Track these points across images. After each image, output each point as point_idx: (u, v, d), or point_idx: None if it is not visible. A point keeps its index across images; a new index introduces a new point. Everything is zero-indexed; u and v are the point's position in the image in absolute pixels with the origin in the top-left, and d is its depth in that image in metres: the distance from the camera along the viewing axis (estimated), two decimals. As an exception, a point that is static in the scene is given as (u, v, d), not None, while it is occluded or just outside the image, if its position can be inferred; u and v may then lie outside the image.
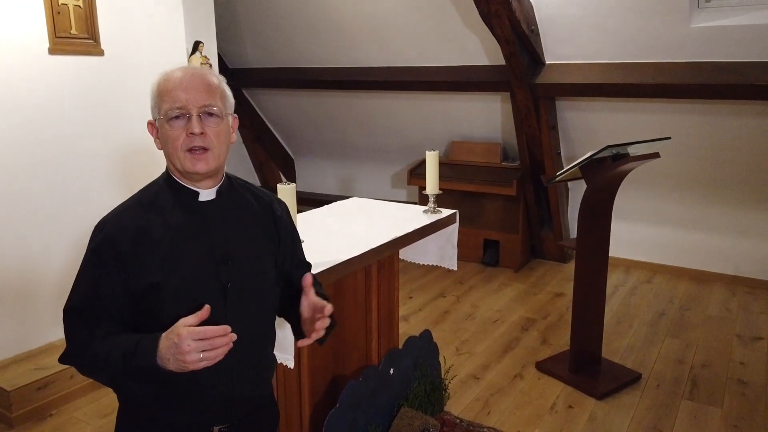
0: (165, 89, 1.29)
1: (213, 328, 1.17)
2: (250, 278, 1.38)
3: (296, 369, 2.12)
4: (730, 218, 4.61)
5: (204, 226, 1.34)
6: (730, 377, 3.23)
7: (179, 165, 1.30)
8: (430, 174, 2.74)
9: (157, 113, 1.30)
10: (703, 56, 3.87)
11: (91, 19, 3.20)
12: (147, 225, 1.30)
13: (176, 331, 1.18)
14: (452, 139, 5.47)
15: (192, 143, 1.28)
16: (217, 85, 1.33)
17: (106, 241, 1.28)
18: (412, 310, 4.22)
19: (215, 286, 1.32)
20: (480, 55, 4.67)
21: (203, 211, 1.36)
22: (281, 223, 1.49)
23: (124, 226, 1.29)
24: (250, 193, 1.48)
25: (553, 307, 4.27)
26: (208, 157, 1.30)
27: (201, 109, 1.28)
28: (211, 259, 1.33)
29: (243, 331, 1.33)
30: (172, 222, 1.32)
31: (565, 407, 2.96)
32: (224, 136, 1.34)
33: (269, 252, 1.45)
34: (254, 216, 1.44)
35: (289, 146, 6.95)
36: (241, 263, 1.36)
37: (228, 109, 1.36)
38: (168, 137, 1.29)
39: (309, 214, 2.76)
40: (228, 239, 1.36)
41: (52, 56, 3.06)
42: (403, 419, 2.45)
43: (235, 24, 5.64)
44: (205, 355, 1.17)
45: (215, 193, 1.38)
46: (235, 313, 1.33)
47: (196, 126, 1.27)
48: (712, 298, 4.39)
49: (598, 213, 3.11)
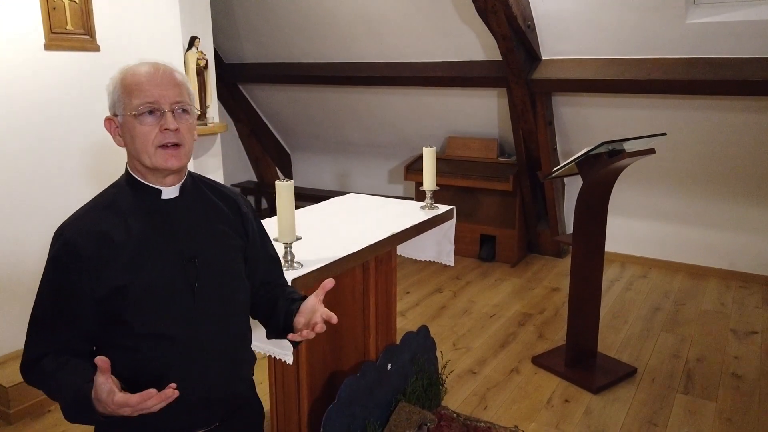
0: (133, 84, 1.26)
1: (138, 398, 1.11)
2: (219, 276, 1.35)
3: (294, 365, 2.13)
4: (725, 213, 4.64)
5: (168, 225, 1.32)
6: (724, 371, 3.26)
7: (149, 161, 1.27)
8: (427, 170, 2.75)
9: (122, 109, 1.27)
10: (698, 52, 3.89)
11: (86, 15, 3.18)
12: (108, 228, 1.26)
13: (104, 400, 1.12)
14: (449, 135, 5.47)
15: (165, 139, 1.25)
16: (183, 81, 1.32)
17: (67, 247, 1.24)
18: (409, 305, 4.24)
19: (183, 286, 1.29)
20: (476, 51, 4.67)
21: (166, 209, 1.33)
22: (248, 220, 1.47)
23: (84, 231, 1.25)
24: (214, 190, 1.45)
25: (549, 302, 4.29)
26: (180, 153, 1.28)
27: (174, 105, 1.26)
28: (177, 259, 1.30)
29: (215, 331, 1.32)
30: (134, 223, 1.28)
31: (561, 401, 2.98)
32: (193, 133, 1.33)
33: (237, 249, 1.42)
34: (219, 213, 1.41)
35: (285, 141, 6.94)
36: (209, 261, 1.33)
37: (194, 104, 1.35)
38: (138, 133, 1.25)
39: (306, 210, 2.76)
40: (193, 237, 1.33)
41: (47, 52, 3.05)
42: (401, 414, 2.46)
43: (231, 19, 5.62)
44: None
45: (178, 191, 1.35)
46: (204, 313, 1.31)
47: (172, 122, 1.25)
48: (707, 293, 4.41)
49: (594, 209, 3.12)
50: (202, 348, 1.31)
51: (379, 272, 2.55)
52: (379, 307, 2.59)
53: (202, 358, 1.31)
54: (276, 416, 2.29)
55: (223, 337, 1.35)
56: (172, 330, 1.27)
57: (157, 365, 1.27)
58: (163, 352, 1.27)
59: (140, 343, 1.26)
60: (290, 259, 1.96)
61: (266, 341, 1.84)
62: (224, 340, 1.36)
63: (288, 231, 1.95)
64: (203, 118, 4.42)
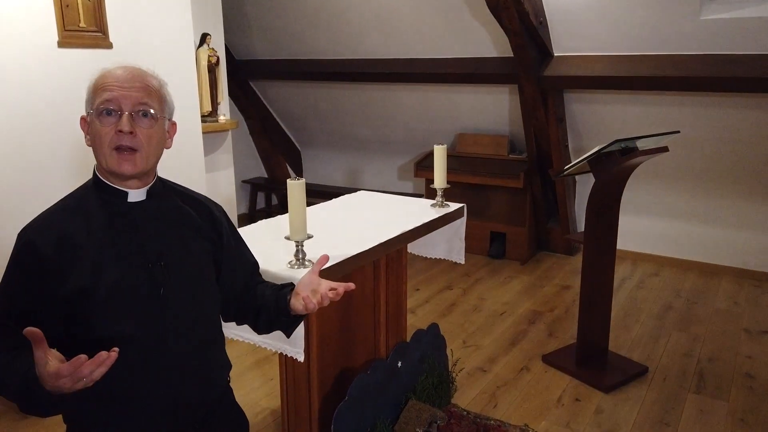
0: (101, 84, 1.25)
1: (69, 366, 1.06)
2: (186, 280, 1.33)
3: (305, 362, 2.13)
4: (738, 211, 4.60)
5: (134, 228, 1.30)
6: (737, 371, 3.23)
7: (105, 163, 1.26)
8: (438, 168, 2.74)
9: (90, 107, 1.27)
10: (713, 48, 3.84)
11: (99, 12, 3.20)
12: (72, 229, 1.25)
13: (41, 373, 1.08)
14: (459, 131, 5.46)
15: (120, 141, 1.23)
16: (157, 87, 1.29)
17: (27, 247, 1.24)
18: (419, 302, 4.24)
19: (148, 289, 1.28)
20: (488, 47, 4.65)
21: (133, 212, 1.31)
22: (221, 226, 1.46)
23: (46, 232, 1.24)
24: (185, 196, 1.44)
25: (559, 299, 4.27)
26: (135, 158, 1.25)
27: (134, 107, 1.24)
28: (142, 262, 1.28)
29: (182, 335, 1.30)
30: (99, 224, 1.27)
31: (571, 400, 2.97)
32: (156, 140, 1.29)
33: (206, 253, 1.40)
34: (188, 218, 1.39)
35: (295, 138, 6.95)
36: (176, 265, 1.32)
37: (165, 113, 1.31)
38: (96, 132, 1.25)
39: (317, 207, 2.76)
40: (160, 240, 1.32)
41: (61, 49, 3.07)
42: (411, 412, 2.46)
43: (242, 16, 5.63)
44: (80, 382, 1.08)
45: (145, 194, 1.33)
46: (171, 316, 1.29)
47: (126, 124, 1.23)
48: (720, 292, 4.38)
49: (606, 207, 3.10)
50: (168, 352, 1.29)
51: (389, 270, 2.55)
52: (389, 305, 2.59)
53: (169, 362, 1.29)
54: (287, 413, 2.30)
55: (191, 342, 1.33)
56: (137, 333, 1.25)
57: (121, 369, 1.22)
58: (127, 356, 1.23)
59: (104, 345, 1.21)
60: (301, 257, 1.96)
61: (277, 339, 1.85)
62: (192, 344, 1.33)
63: (299, 229, 1.95)
64: (215, 114, 4.44)
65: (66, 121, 3.16)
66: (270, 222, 2.49)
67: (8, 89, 2.92)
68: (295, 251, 1.97)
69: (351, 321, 2.37)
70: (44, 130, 3.07)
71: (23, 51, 2.94)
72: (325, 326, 2.20)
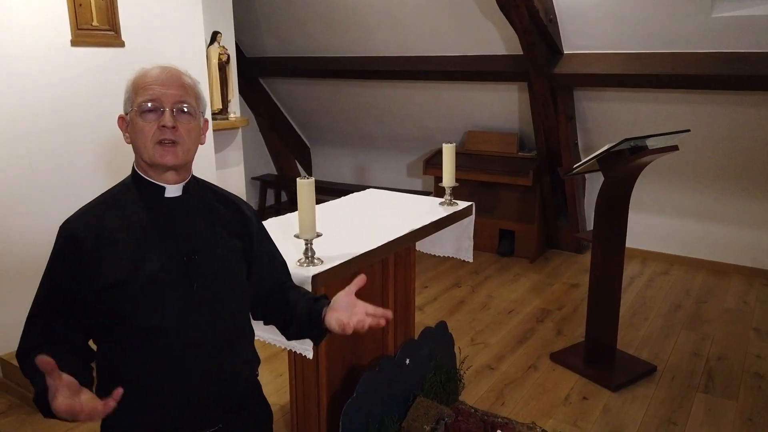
0: (141, 83, 1.31)
1: (69, 409, 1.10)
2: (218, 276, 1.37)
3: (314, 360, 2.16)
4: (748, 210, 4.57)
5: (170, 223, 1.34)
6: (746, 370, 3.23)
7: (148, 157, 1.31)
8: (447, 166, 2.75)
9: (130, 106, 1.32)
10: (724, 46, 3.82)
11: (111, 11, 3.23)
12: (111, 223, 1.30)
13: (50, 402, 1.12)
14: (468, 129, 5.46)
15: (162, 136, 1.29)
16: (192, 85, 1.35)
17: (69, 241, 1.28)
18: (427, 299, 4.25)
19: (181, 283, 1.31)
20: (497, 45, 4.65)
21: (169, 207, 1.35)
22: (251, 225, 1.49)
23: (86, 226, 1.29)
24: (218, 195, 1.48)
25: (568, 298, 4.27)
26: (177, 150, 1.30)
27: (175, 104, 1.29)
28: (176, 256, 1.32)
29: (212, 329, 1.33)
30: (137, 219, 1.31)
31: (579, 398, 2.98)
32: (194, 134, 1.34)
33: (237, 251, 1.43)
34: (221, 215, 1.44)
35: (304, 135, 6.97)
36: (208, 260, 1.35)
37: (201, 110, 1.37)
38: (139, 129, 1.29)
39: (327, 205, 2.78)
40: (194, 236, 1.36)
41: (74, 48, 3.11)
42: (419, 409, 2.48)
43: (251, 13, 5.65)
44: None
45: (181, 190, 1.37)
46: (203, 311, 1.32)
47: (169, 119, 1.28)
48: (730, 291, 4.36)
49: (616, 206, 3.10)
50: (199, 346, 1.32)
51: (398, 268, 2.57)
52: (397, 303, 2.61)
53: (199, 356, 1.31)
54: (295, 410, 2.33)
55: (221, 337, 1.36)
56: (169, 326, 1.28)
57: (153, 361, 1.28)
58: (159, 349, 1.28)
59: (137, 338, 1.27)
60: (311, 255, 1.99)
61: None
62: (222, 339, 1.36)
63: (309, 227, 1.97)
64: (225, 112, 4.46)
65: (80, 117, 3.20)
66: (280, 220, 2.51)
67: (23, 87, 2.96)
68: (304, 249, 1.99)
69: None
70: (58, 127, 3.11)
71: (37, 50, 2.98)
72: (333, 323, 2.22)
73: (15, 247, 3.03)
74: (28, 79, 2.96)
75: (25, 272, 3.03)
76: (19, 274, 3.03)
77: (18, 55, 2.91)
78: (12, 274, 3.03)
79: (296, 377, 2.29)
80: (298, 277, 1.82)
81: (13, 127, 2.95)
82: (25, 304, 1.35)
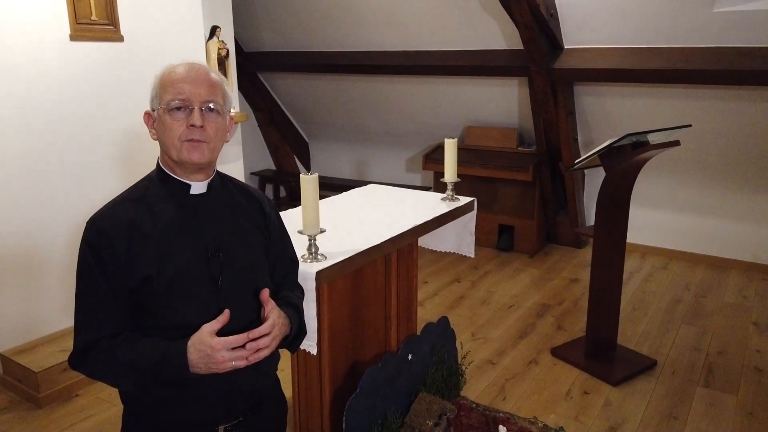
0: (169, 81, 1.31)
1: (241, 337, 1.25)
2: (242, 271, 1.38)
3: (317, 355, 2.15)
4: (748, 204, 4.58)
5: (195, 219, 1.36)
6: (746, 365, 3.24)
7: (175, 154, 1.32)
8: (448, 162, 2.74)
9: (158, 103, 1.32)
10: (725, 41, 3.81)
11: (110, 5, 3.21)
12: (138, 219, 1.31)
13: (207, 342, 1.22)
14: (468, 124, 5.45)
15: (191, 135, 1.30)
16: (219, 83, 1.36)
17: (101, 237, 1.28)
18: (428, 295, 4.26)
19: (207, 278, 1.33)
20: (498, 40, 4.63)
21: (194, 204, 1.37)
22: (270, 220, 1.52)
23: (115, 222, 1.30)
24: (241, 190, 1.50)
25: (568, 292, 4.28)
26: (203, 148, 1.32)
27: (203, 103, 1.30)
28: (202, 252, 1.33)
29: (237, 324, 1.34)
30: (163, 215, 1.33)
31: (580, 393, 2.99)
32: (221, 133, 1.36)
33: (260, 246, 1.46)
34: (244, 211, 1.46)
35: (303, 130, 6.95)
36: (233, 256, 1.37)
37: (227, 107, 1.37)
38: (167, 127, 1.30)
39: (328, 201, 2.78)
40: (219, 232, 1.37)
41: (73, 42, 3.09)
42: (421, 404, 2.49)
43: (250, 8, 5.62)
44: (237, 363, 1.25)
45: (206, 187, 1.39)
46: (227, 306, 1.33)
47: (198, 119, 1.29)
48: (729, 285, 4.37)
49: (617, 201, 3.10)
50: None
51: (400, 263, 2.56)
52: (400, 298, 2.61)
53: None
54: (298, 406, 2.33)
55: (245, 331, 1.35)
56: (195, 321, 1.29)
57: None
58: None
59: (164, 333, 1.29)
60: (314, 251, 1.98)
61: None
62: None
63: (312, 224, 1.97)
64: (224, 107, 4.44)
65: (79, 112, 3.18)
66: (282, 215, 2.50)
67: (22, 82, 2.94)
68: (308, 245, 1.99)
69: (362, 314, 2.39)
70: (57, 121, 3.10)
71: (36, 44, 2.96)
72: (336, 319, 2.22)
73: (14, 244, 3.02)
74: (26, 73, 2.94)
75: (24, 269, 3.03)
76: (19, 271, 3.02)
77: (17, 50, 2.90)
78: (12, 271, 3.02)
79: (299, 373, 2.29)
80: (301, 274, 1.81)
81: (12, 121, 2.93)
82: (25, 302, 1.35)
